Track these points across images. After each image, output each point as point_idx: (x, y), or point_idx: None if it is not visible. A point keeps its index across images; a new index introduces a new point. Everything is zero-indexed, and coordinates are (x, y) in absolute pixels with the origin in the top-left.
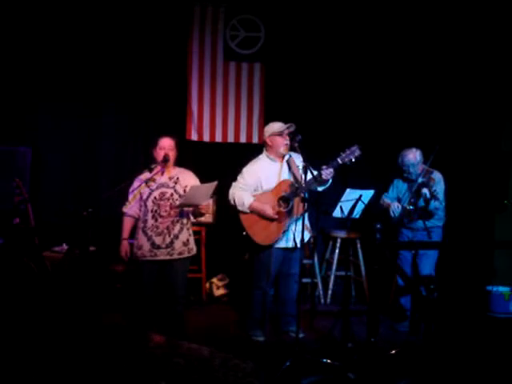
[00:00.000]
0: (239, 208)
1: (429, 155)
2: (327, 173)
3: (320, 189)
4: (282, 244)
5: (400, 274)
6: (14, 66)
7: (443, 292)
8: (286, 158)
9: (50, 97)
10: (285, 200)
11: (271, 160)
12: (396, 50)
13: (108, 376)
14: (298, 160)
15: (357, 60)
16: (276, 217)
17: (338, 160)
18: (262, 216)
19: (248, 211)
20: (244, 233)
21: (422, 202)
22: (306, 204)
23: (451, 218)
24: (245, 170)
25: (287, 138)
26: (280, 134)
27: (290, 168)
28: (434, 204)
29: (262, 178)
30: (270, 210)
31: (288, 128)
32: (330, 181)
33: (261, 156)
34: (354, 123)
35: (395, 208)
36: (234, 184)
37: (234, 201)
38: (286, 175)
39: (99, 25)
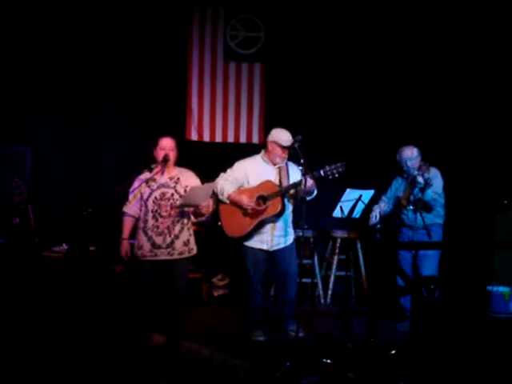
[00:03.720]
0: (219, 197)
1: (429, 153)
2: (309, 182)
3: (308, 198)
4: (257, 244)
5: (400, 274)
6: (14, 65)
7: (443, 292)
8: (281, 164)
9: (51, 96)
10: (263, 199)
11: (264, 162)
12: (397, 49)
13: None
14: (293, 169)
15: (357, 59)
16: (250, 209)
17: (321, 172)
18: (238, 208)
19: (227, 201)
20: (219, 223)
21: (418, 193)
22: (283, 207)
23: (451, 217)
24: (236, 163)
25: (287, 152)
26: (283, 147)
27: (279, 173)
28: (430, 194)
29: (250, 176)
30: (246, 200)
31: (293, 144)
32: (315, 191)
33: (256, 156)
34: (354, 123)
35: (373, 217)
36: (221, 174)
37: (217, 189)
38: (273, 178)
39: (100, 24)
